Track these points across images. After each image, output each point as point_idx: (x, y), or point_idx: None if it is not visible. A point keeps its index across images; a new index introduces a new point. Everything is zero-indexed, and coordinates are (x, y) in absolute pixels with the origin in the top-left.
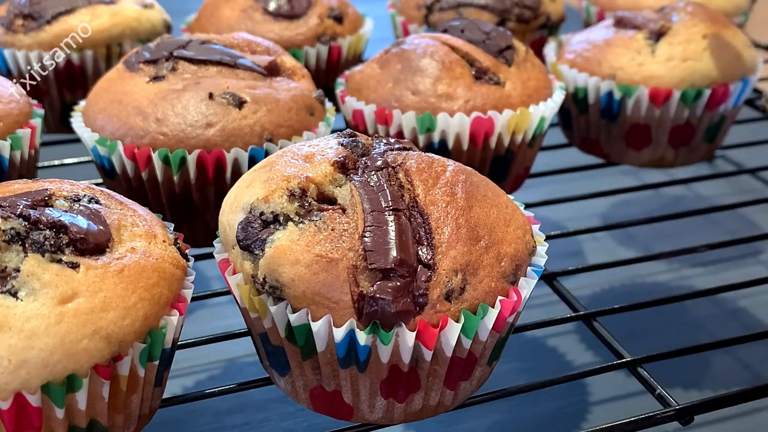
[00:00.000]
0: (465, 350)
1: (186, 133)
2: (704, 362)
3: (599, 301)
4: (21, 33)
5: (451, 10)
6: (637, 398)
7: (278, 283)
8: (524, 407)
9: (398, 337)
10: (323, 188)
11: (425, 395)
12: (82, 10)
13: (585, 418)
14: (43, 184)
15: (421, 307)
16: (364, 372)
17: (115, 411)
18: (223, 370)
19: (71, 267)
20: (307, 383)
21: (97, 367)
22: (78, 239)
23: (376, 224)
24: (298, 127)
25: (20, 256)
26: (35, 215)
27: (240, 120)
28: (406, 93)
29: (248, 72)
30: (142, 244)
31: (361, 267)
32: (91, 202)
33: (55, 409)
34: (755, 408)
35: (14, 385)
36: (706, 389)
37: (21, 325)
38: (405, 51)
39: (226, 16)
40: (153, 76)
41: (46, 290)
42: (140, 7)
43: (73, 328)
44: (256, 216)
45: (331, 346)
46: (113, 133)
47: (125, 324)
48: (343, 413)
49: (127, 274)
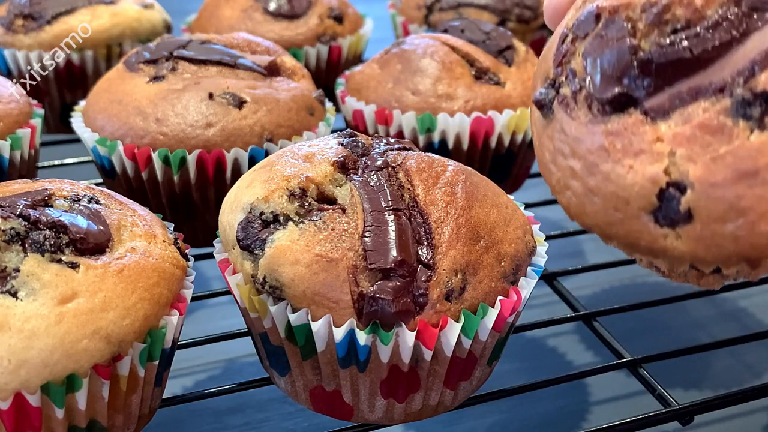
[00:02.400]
0: (465, 350)
1: (186, 133)
2: (704, 362)
3: (599, 301)
4: (21, 33)
5: (451, 11)
6: (638, 398)
7: (278, 283)
8: (524, 407)
9: (398, 337)
10: (323, 188)
11: (425, 395)
12: (83, 11)
13: (585, 418)
14: (43, 184)
15: (421, 306)
16: (364, 372)
17: (115, 411)
18: (223, 370)
19: (71, 267)
20: (307, 383)
21: (97, 367)
22: (78, 239)
23: (376, 224)
24: (298, 127)
25: (20, 256)
26: (35, 215)
27: (240, 120)
28: (407, 93)
29: (248, 72)
30: (142, 244)
31: (361, 267)
32: (91, 202)
33: (55, 409)
34: (755, 408)
35: (14, 385)
36: (706, 389)
37: (21, 325)
38: (405, 51)
39: (226, 16)
40: (153, 76)
41: (45, 290)
42: (140, 7)
43: (73, 328)
44: (256, 216)
45: (331, 346)
46: (113, 133)
47: (125, 324)
48: (343, 413)
49: (127, 274)
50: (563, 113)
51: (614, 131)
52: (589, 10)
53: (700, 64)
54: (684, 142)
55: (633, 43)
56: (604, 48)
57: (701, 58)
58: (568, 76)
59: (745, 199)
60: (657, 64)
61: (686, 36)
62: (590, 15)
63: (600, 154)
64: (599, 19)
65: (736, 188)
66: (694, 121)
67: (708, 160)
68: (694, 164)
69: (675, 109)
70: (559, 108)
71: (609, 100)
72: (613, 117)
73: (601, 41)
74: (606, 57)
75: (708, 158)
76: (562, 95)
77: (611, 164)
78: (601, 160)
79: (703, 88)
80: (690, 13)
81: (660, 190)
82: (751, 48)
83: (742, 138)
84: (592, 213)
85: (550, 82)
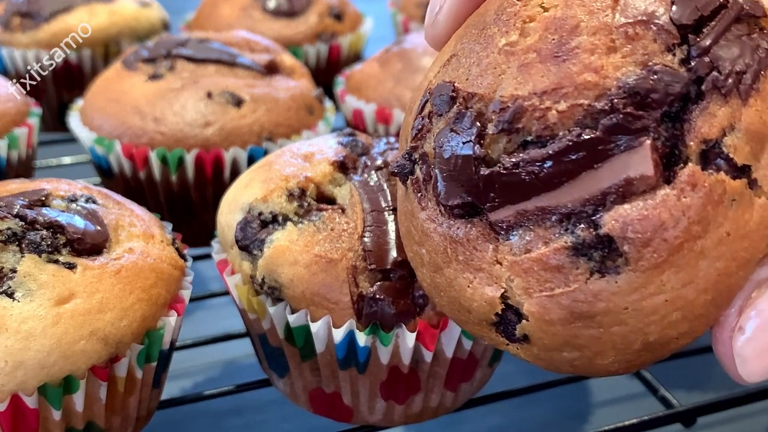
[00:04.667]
0: (466, 351)
1: (184, 132)
2: (707, 364)
3: None
4: (19, 32)
5: None
6: (640, 400)
7: (277, 284)
8: (525, 409)
9: (398, 338)
10: (322, 188)
11: (425, 397)
12: (80, 9)
13: (587, 420)
14: (40, 184)
15: (421, 307)
16: (363, 373)
17: (113, 413)
18: (221, 371)
19: (68, 267)
20: (306, 385)
21: (95, 368)
22: (75, 239)
23: (375, 224)
24: (298, 126)
25: (17, 256)
26: (32, 215)
27: (239, 119)
28: (407, 92)
29: (247, 71)
30: (140, 244)
31: (361, 267)
32: (89, 202)
33: (52, 411)
34: (758, 410)
35: (11, 387)
36: (709, 391)
37: (18, 326)
38: (405, 50)
39: (225, 15)
40: (151, 75)
41: (42, 291)
42: (138, 5)
43: (70, 330)
44: (254, 216)
45: (330, 348)
46: (111, 132)
47: (122, 325)
48: (342, 415)
49: (125, 274)
50: (415, 198)
51: (458, 240)
52: (446, 88)
53: (548, 187)
54: (522, 273)
55: (479, 154)
56: (453, 148)
57: (549, 182)
58: (422, 158)
59: (580, 338)
60: (502, 183)
61: (534, 158)
62: (446, 95)
63: (444, 257)
64: (454, 102)
65: (571, 328)
66: (533, 254)
67: (543, 298)
68: (530, 298)
69: (520, 226)
70: (412, 190)
71: (453, 207)
72: (458, 222)
73: (451, 136)
74: (452, 161)
75: (543, 296)
76: (416, 176)
77: (453, 272)
78: (445, 265)
79: (549, 210)
80: (542, 128)
81: (497, 313)
82: (604, 176)
83: (581, 281)
84: (441, 305)
85: (407, 154)
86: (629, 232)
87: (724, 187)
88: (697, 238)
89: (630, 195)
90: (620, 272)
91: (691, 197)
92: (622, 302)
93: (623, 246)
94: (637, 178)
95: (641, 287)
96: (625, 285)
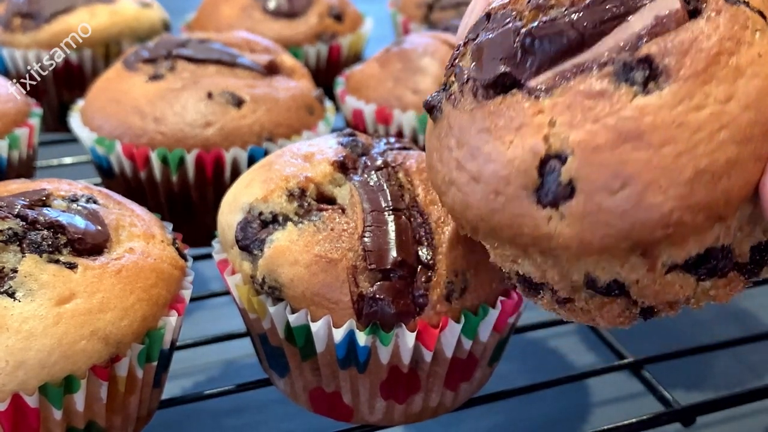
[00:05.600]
0: (465, 351)
1: (184, 132)
2: (707, 363)
3: None
4: (19, 32)
5: (451, 9)
6: (639, 399)
7: (277, 284)
8: (525, 409)
9: (398, 337)
10: (323, 188)
11: (425, 396)
12: (81, 9)
13: (586, 419)
14: (41, 184)
15: (421, 307)
16: (363, 373)
17: (114, 412)
18: (222, 371)
19: (69, 267)
20: (306, 384)
21: (95, 368)
22: (76, 239)
23: (375, 224)
24: (298, 127)
25: (18, 256)
26: (33, 215)
27: (239, 119)
28: (407, 92)
29: (247, 71)
30: (141, 244)
31: (361, 267)
32: (89, 202)
33: (53, 411)
34: (758, 409)
35: (12, 386)
36: (708, 390)
37: (18, 326)
38: (405, 50)
39: (225, 15)
40: (152, 75)
41: (43, 291)
42: (139, 6)
43: (71, 329)
44: (255, 216)
45: (330, 347)
46: (111, 132)
47: (123, 325)
48: (342, 414)
49: (125, 274)
50: (450, 107)
51: (496, 111)
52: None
53: (583, 42)
54: (564, 110)
55: (517, 26)
56: (490, 35)
57: (584, 35)
58: (457, 74)
59: (629, 164)
60: (539, 41)
61: (569, 13)
62: (482, 17)
63: (482, 136)
64: (489, 18)
65: (619, 152)
66: (574, 89)
67: (589, 124)
68: (575, 129)
69: (558, 86)
70: (447, 104)
71: (492, 81)
72: (496, 99)
73: (488, 32)
74: (491, 42)
75: (589, 122)
76: (450, 92)
77: (492, 143)
78: (483, 142)
79: (587, 64)
80: None
81: (540, 163)
82: (635, 24)
83: (624, 101)
84: (475, 203)
85: (442, 87)
86: (667, 48)
87: (747, 15)
88: (730, 53)
89: (663, 33)
90: (663, 88)
91: (718, 20)
92: (668, 116)
93: (663, 60)
94: (666, 14)
95: (685, 98)
96: (669, 97)
